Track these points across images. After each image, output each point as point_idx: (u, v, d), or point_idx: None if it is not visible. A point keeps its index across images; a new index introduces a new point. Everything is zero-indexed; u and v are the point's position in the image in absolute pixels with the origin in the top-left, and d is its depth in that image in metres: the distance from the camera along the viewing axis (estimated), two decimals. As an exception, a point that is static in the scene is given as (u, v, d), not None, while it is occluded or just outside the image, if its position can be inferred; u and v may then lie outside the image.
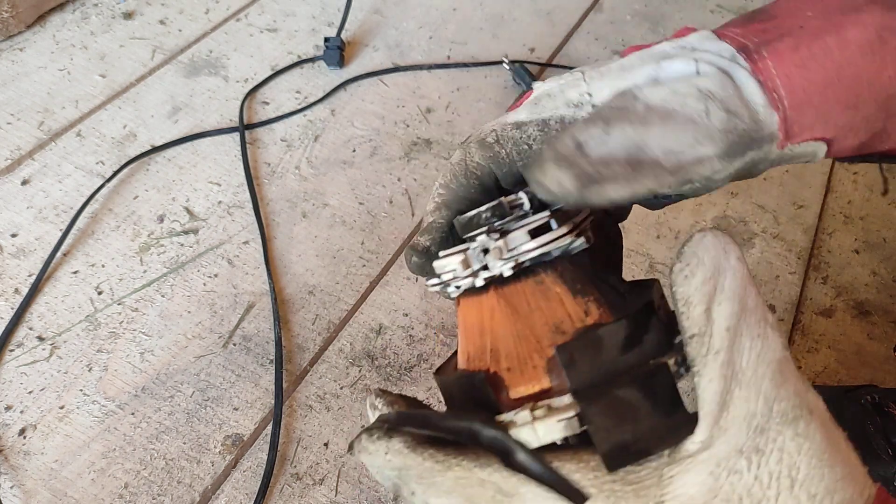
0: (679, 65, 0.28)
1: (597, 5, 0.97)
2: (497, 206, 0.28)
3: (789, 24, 0.28)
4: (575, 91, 0.30)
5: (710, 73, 0.27)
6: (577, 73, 0.31)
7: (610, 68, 0.30)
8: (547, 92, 0.31)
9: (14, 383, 0.55)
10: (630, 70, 0.29)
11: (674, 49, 0.29)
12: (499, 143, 0.30)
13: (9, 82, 0.77)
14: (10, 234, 0.64)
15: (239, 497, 0.51)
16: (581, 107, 0.30)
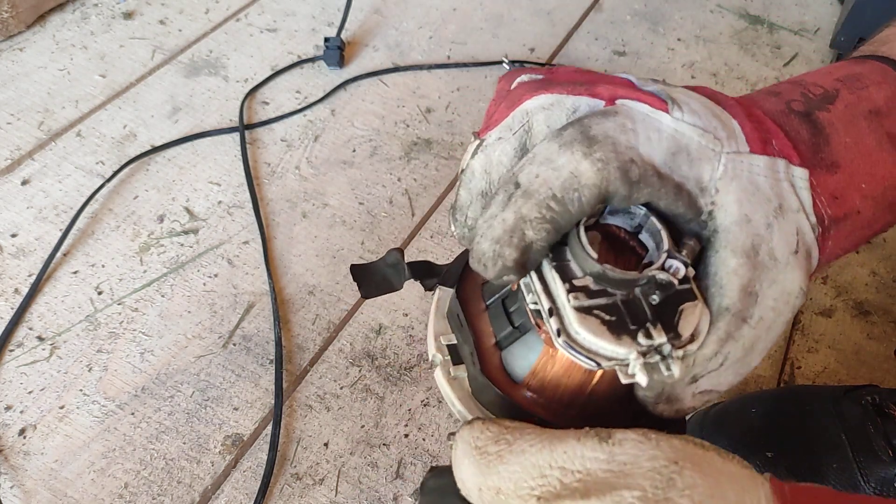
0: (789, 230, 0.29)
1: (597, 5, 0.97)
2: (666, 286, 0.26)
3: (851, 201, 0.31)
4: (708, 170, 0.28)
5: (804, 257, 0.29)
6: (716, 144, 0.28)
7: (745, 171, 0.28)
8: (687, 147, 0.28)
9: (14, 383, 0.55)
10: (756, 192, 0.28)
11: (786, 183, 0.29)
12: (638, 185, 0.27)
13: (9, 82, 0.77)
14: (10, 234, 0.64)
15: (239, 497, 0.51)
16: (704, 193, 0.28)
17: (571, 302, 0.26)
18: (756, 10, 0.99)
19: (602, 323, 0.25)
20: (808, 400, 0.51)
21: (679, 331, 0.26)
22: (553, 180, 0.26)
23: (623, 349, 0.25)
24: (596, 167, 0.26)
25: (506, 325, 0.30)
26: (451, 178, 0.73)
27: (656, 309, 0.26)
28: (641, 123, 0.28)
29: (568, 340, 0.25)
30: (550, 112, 0.29)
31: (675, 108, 0.28)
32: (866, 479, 0.46)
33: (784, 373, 0.61)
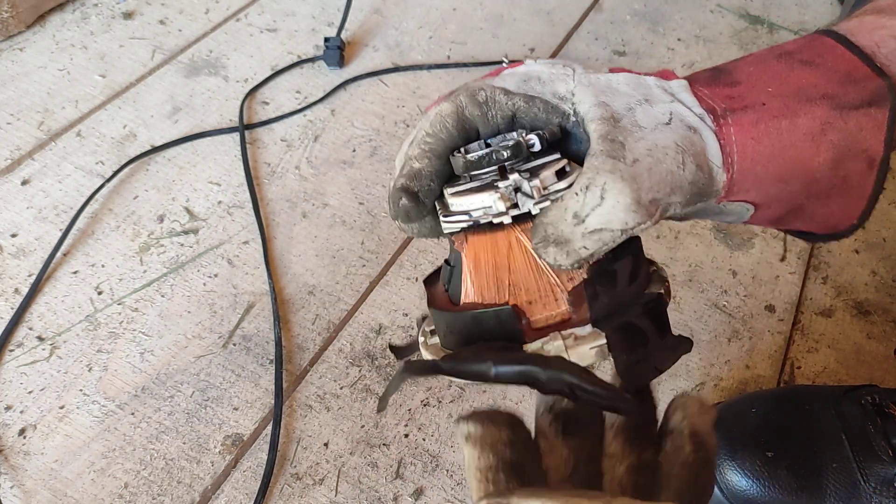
0: (657, 111, 0.31)
1: (597, 5, 0.97)
2: (516, 147, 0.31)
3: (753, 98, 0.32)
4: (563, 86, 0.33)
5: (679, 129, 0.31)
6: (568, 69, 0.33)
7: (599, 80, 0.33)
8: (538, 75, 0.33)
9: (14, 383, 0.55)
10: (615, 92, 0.32)
11: (657, 89, 0.33)
12: (487, 104, 0.33)
13: (9, 82, 0.77)
14: (10, 234, 0.64)
15: (239, 497, 0.51)
16: (564, 101, 0.32)
17: (447, 191, 0.31)
18: (756, 10, 0.99)
19: (471, 191, 0.30)
20: (808, 400, 0.51)
21: (539, 174, 0.29)
22: (425, 123, 0.33)
23: (485, 195, 0.29)
24: (451, 101, 0.33)
25: (446, 270, 0.34)
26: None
27: (516, 169, 0.30)
28: (505, 75, 0.34)
29: (445, 213, 0.31)
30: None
31: (530, 61, 0.34)
32: (866, 478, 0.46)
33: (784, 373, 0.61)
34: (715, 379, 0.60)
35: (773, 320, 0.64)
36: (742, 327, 0.63)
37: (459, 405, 0.56)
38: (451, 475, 0.53)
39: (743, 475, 0.47)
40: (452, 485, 0.52)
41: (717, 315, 0.64)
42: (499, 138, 0.33)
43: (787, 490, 0.47)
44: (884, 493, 0.46)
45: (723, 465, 0.48)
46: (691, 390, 0.59)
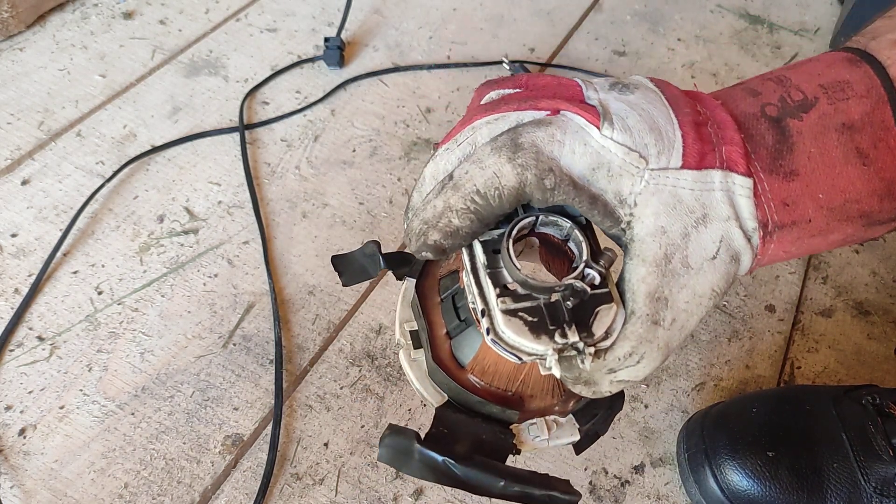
0: (709, 237, 0.31)
1: (597, 5, 0.97)
2: (580, 293, 0.30)
3: (802, 210, 0.32)
4: (628, 186, 0.30)
5: (722, 266, 0.31)
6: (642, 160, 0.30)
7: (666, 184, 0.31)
8: (608, 164, 0.30)
9: (14, 383, 0.55)
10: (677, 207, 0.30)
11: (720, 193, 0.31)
12: (553, 191, 0.30)
13: (9, 82, 0.77)
14: (10, 234, 0.64)
15: (239, 497, 0.51)
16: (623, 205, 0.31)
17: (499, 305, 0.30)
18: (756, 10, 0.99)
19: (525, 324, 0.29)
20: (808, 400, 0.51)
21: (592, 330, 0.30)
22: (478, 177, 0.30)
23: (541, 346, 0.29)
24: (516, 171, 0.30)
25: (454, 319, 0.35)
26: (451, 178, 0.73)
27: (573, 312, 0.30)
28: (571, 136, 0.30)
29: (495, 338, 0.30)
30: (494, 125, 0.32)
31: (607, 125, 0.31)
32: (866, 478, 0.46)
33: (784, 373, 0.61)
34: (715, 379, 0.60)
35: (774, 320, 0.64)
36: (742, 327, 0.63)
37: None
38: (451, 475, 0.53)
39: (744, 475, 0.47)
40: (452, 485, 0.52)
41: (717, 315, 0.64)
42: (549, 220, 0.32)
43: (787, 490, 0.47)
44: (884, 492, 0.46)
45: (723, 464, 0.48)
46: (691, 390, 0.59)
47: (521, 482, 0.30)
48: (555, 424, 0.35)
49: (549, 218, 0.32)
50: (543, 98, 0.32)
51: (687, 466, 0.51)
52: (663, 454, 0.55)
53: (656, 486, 0.53)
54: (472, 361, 0.34)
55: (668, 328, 0.30)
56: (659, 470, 0.54)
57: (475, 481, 0.30)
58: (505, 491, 0.30)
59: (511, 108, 0.32)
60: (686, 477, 0.52)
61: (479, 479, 0.30)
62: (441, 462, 0.30)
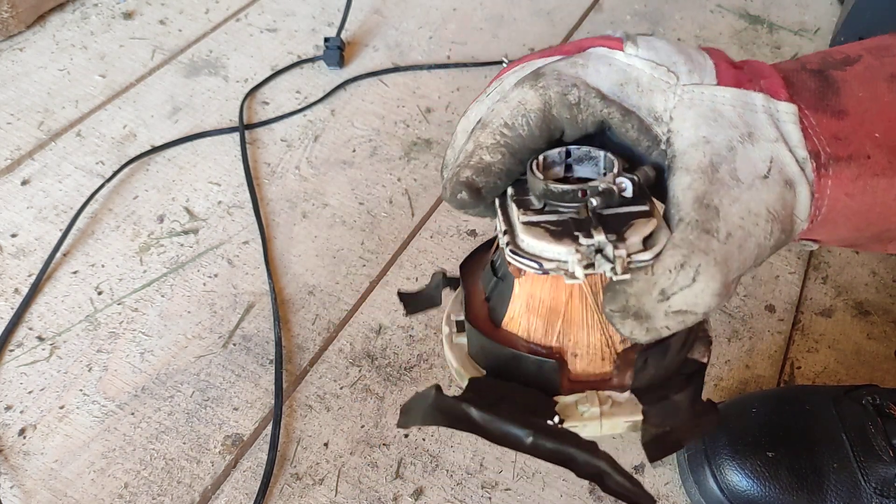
0: (759, 155, 0.28)
1: (597, 5, 0.97)
2: (607, 194, 0.28)
3: (859, 144, 0.30)
4: (661, 102, 0.29)
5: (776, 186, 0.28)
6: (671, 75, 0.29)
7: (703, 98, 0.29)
8: (637, 79, 0.29)
9: (14, 383, 0.55)
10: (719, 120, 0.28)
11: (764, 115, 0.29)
12: (579, 106, 0.29)
13: (9, 82, 0.77)
14: (10, 234, 0.64)
15: (239, 497, 0.51)
16: (659, 122, 0.29)
17: (520, 218, 0.28)
18: (756, 10, 0.99)
19: (546, 231, 0.27)
20: (808, 400, 0.51)
21: (625, 236, 0.26)
22: (504, 110, 0.29)
23: (563, 248, 0.26)
24: (538, 93, 0.29)
25: (491, 278, 0.32)
26: (451, 178, 0.73)
27: (603, 220, 0.27)
28: (594, 60, 0.30)
29: (514, 248, 0.27)
30: (520, 72, 0.31)
31: (630, 45, 0.30)
32: (867, 478, 0.46)
33: (784, 373, 0.61)
34: (715, 379, 0.60)
35: (773, 320, 0.64)
36: (742, 327, 0.63)
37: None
38: (451, 475, 0.53)
39: (743, 475, 0.47)
40: (452, 485, 0.52)
41: (716, 315, 0.64)
42: (582, 153, 0.30)
43: (787, 490, 0.47)
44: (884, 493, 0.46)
45: (723, 464, 0.48)
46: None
47: (556, 439, 0.27)
48: (609, 400, 0.29)
49: (580, 150, 0.30)
50: (568, 46, 0.32)
51: (686, 466, 0.51)
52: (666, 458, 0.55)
53: (656, 486, 0.53)
54: (506, 315, 0.31)
55: (724, 242, 0.27)
56: (659, 470, 0.54)
57: (497, 430, 0.27)
58: (537, 446, 0.27)
59: (535, 56, 0.32)
60: (686, 477, 0.52)
61: (503, 428, 0.27)
62: (461, 406, 0.27)
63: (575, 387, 0.30)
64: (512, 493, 0.52)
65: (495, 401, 0.28)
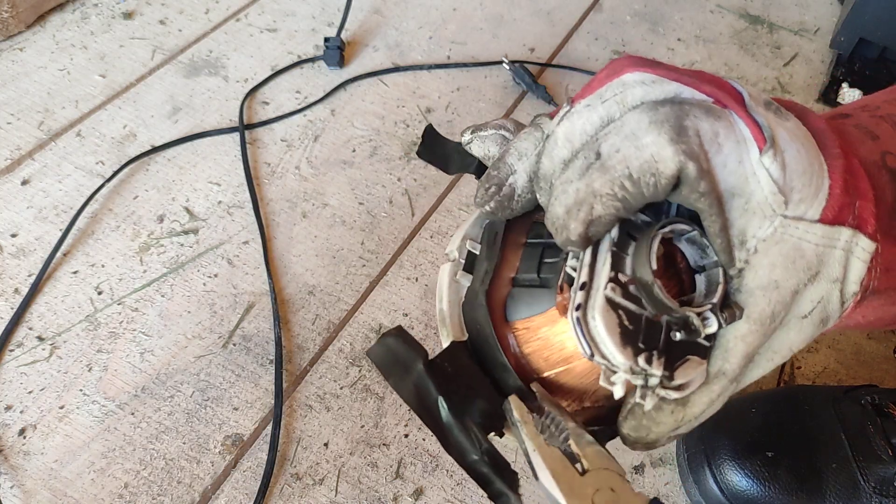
0: (812, 296, 0.28)
1: (597, 5, 0.97)
2: (693, 332, 0.27)
3: (893, 278, 0.29)
4: (756, 228, 0.27)
5: (810, 328, 0.28)
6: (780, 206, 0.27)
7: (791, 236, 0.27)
8: (750, 197, 0.26)
9: (14, 383, 0.55)
10: (794, 265, 0.27)
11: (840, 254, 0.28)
12: (700, 194, 0.26)
13: (9, 82, 0.77)
14: (10, 234, 0.64)
15: (239, 497, 0.51)
16: (742, 247, 0.27)
17: (607, 290, 0.26)
18: (756, 10, 0.99)
19: (619, 325, 0.25)
20: (808, 400, 0.51)
21: (674, 374, 0.26)
22: (632, 159, 0.25)
23: (622, 358, 0.25)
24: (678, 158, 0.25)
25: (532, 270, 0.30)
26: (452, 178, 0.73)
27: (669, 344, 0.26)
28: (731, 145, 0.26)
29: (581, 318, 0.26)
30: (650, 89, 0.27)
31: (769, 153, 0.26)
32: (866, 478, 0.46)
33: (784, 373, 0.61)
34: (715, 379, 0.60)
35: (773, 320, 0.64)
36: (742, 327, 0.63)
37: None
38: (451, 475, 0.53)
39: (743, 475, 0.47)
40: (452, 485, 0.52)
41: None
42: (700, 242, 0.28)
43: (787, 490, 0.47)
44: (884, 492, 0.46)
45: (723, 464, 0.48)
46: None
47: (492, 467, 0.27)
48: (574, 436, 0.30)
49: (702, 239, 0.28)
50: (705, 83, 0.28)
51: (686, 467, 0.51)
52: (663, 454, 0.55)
53: (656, 487, 0.53)
54: (523, 322, 0.30)
55: (740, 384, 0.28)
56: (659, 470, 0.54)
57: (453, 438, 0.27)
58: (472, 465, 0.27)
59: (671, 75, 0.28)
60: (686, 477, 0.52)
61: (459, 440, 0.27)
62: (434, 396, 0.27)
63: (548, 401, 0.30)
64: (512, 493, 0.52)
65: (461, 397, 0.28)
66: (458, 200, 0.71)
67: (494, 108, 0.80)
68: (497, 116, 0.79)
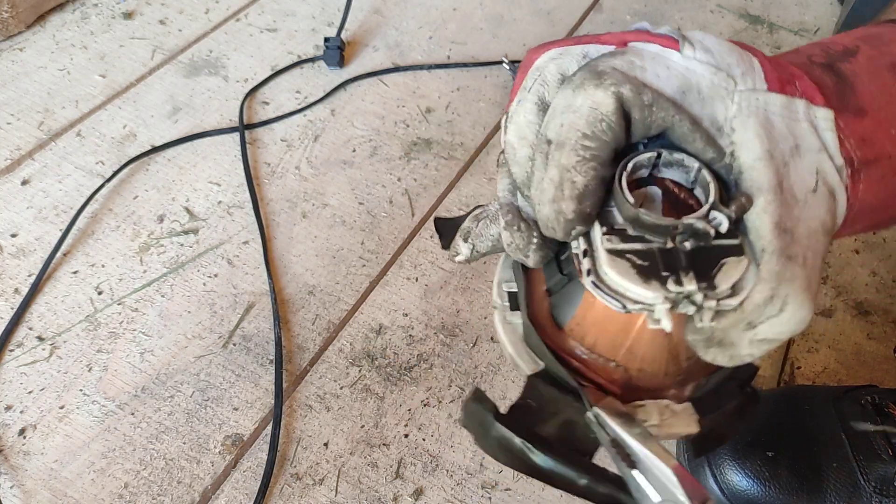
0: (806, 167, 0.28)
1: (597, 5, 0.97)
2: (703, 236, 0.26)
3: (881, 145, 0.30)
4: (722, 110, 0.28)
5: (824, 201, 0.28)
6: (730, 80, 0.28)
7: (759, 105, 0.28)
8: (698, 86, 0.28)
9: (14, 383, 0.55)
10: (772, 130, 0.28)
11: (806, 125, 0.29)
12: (651, 108, 0.27)
13: (9, 82, 0.77)
14: (10, 234, 0.64)
15: (239, 497, 0.51)
16: (721, 133, 0.28)
17: (604, 244, 0.26)
18: (756, 10, 0.99)
19: (632, 266, 0.25)
20: (808, 400, 0.51)
21: (715, 282, 0.25)
22: (577, 121, 0.26)
23: (650, 293, 0.25)
24: (609, 92, 0.26)
25: (555, 273, 0.30)
26: (451, 178, 0.73)
27: (693, 259, 0.26)
28: (650, 61, 0.28)
29: (596, 280, 0.26)
30: (560, 60, 0.29)
31: (687, 46, 0.28)
32: (866, 478, 0.46)
33: (784, 373, 0.61)
34: (715, 379, 0.60)
35: (773, 320, 0.64)
36: (742, 327, 0.63)
37: (459, 405, 0.56)
38: (451, 475, 0.53)
39: (743, 475, 0.47)
40: (452, 485, 0.52)
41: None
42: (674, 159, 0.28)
43: (787, 490, 0.47)
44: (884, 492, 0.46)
45: (723, 464, 0.48)
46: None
47: (609, 482, 0.26)
48: (668, 411, 0.29)
49: (672, 156, 0.28)
50: (605, 36, 0.30)
51: (686, 466, 0.51)
52: (663, 454, 0.55)
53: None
54: (571, 320, 0.30)
55: (804, 266, 0.26)
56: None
57: (554, 473, 0.27)
58: (590, 489, 0.27)
59: (571, 41, 0.30)
60: (686, 477, 0.51)
61: (560, 471, 0.27)
62: (518, 444, 0.27)
63: (633, 397, 0.30)
64: (512, 493, 0.52)
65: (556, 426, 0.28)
66: (458, 200, 0.71)
67: (494, 108, 0.80)
68: (497, 116, 0.79)
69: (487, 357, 0.59)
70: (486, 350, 0.59)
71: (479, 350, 0.59)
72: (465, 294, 0.63)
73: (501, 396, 0.57)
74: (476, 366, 0.58)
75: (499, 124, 0.78)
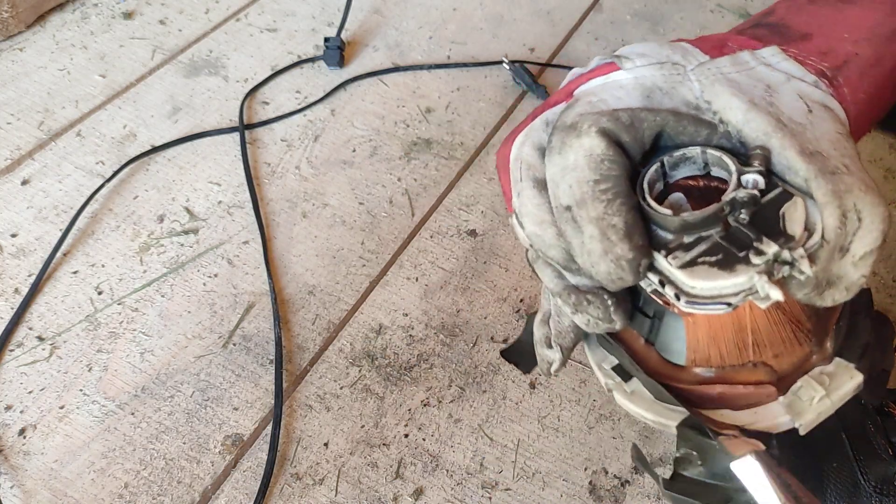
0: (788, 98, 0.29)
1: (597, 5, 0.97)
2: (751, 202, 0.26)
3: (842, 50, 0.32)
4: (688, 92, 0.29)
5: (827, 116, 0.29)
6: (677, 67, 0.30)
7: (718, 72, 0.30)
8: (657, 85, 0.29)
9: (14, 383, 0.55)
10: (741, 89, 0.29)
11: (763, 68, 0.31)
12: (633, 125, 0.28)
13: (9, 82, 0.77)
14: (10, 234, 0.64)
15: (239, 497, 0.51)
16: (701, 111, 0.29)
17: (672, 263, 0.25)
18: (756, 10, 0.99)
19: (710, 266, 0.25)
20: (808, 399, 0.51)
21: (789, 232, 0.25)
22: (581, 174, 0.27)
23: (742, 278, 0.24)
24: (592, 133, 0.28)
25: (643, 321, 0.30)
26: (451, 178, 0.73)
27: (755, 226, 0.25)
28: (603, 91, 0.29)
29: (689, 299, 0.25)
30: (530, 139, 0.31)
31: (625, 61, 0.30)
32: (866, 477, 0.46)
33: (784, 372, 0.61)
34: (715, 379, 0.60)
35: (773, 320, 0.64)
36: (742, 327, 0.63)
37: (459, 405, 0.56)
38: (451, 475, 0.53)
39: (743, 475, 0.47)
40: (452, 485, 0.52)
41: (717, 315, 0.64)
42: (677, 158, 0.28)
43: (787, 490, 0.47)
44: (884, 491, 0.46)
45: (723, 464, 0.48)
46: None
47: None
48: (826, 378, 0.29)
49: (674, 155, 0.28)
50: (555, 94, 0.33)
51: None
52: (663, 454, 0.55)
53: (656, 486, 0.53)
54: (687, 352, 0.30)
55: (850, 171, 0.27)
56: (659, 470, 0.54)
57: None
58: None
59: (529, 118, 0.32)
60: (686, 477, 0.51)
61: None
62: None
63: (787, 383, 0.29)
64: (512, 493, 0.52)
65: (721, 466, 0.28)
66: (459, 200, 0.71)
67: (494, 108, 0.80)
68: (497, 116, 0.79)
69: (487, 357, 0.59)
70: (486, 350, 0.59)
71: (479, 350, 0.59)
72: (465, 294, 0.63)
73: (501, 396, 0.57)
74: (476, 366, 0.58)
75: (499, 124, 0.78)
